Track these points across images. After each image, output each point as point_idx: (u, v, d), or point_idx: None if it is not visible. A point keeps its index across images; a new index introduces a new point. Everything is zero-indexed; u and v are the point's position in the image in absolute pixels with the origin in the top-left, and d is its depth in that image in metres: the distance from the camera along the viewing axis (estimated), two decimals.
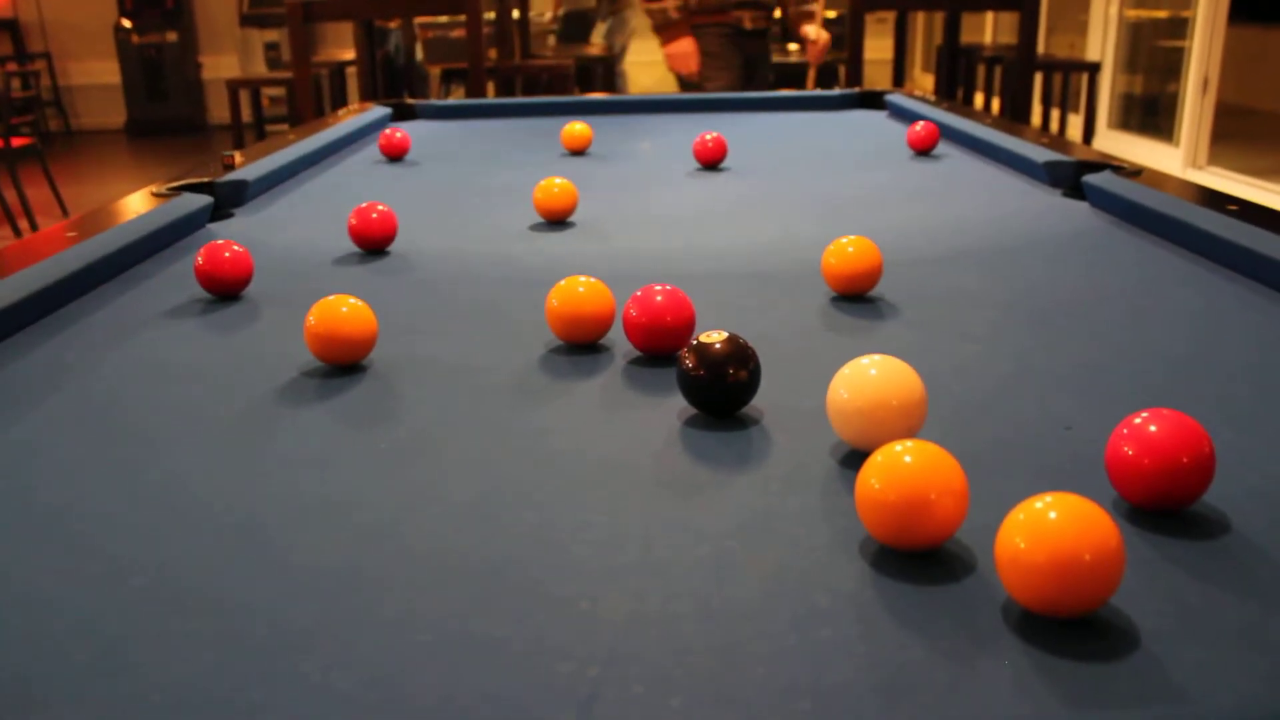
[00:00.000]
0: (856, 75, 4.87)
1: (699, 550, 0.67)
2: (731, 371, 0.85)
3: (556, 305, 1.04)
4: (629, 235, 1.57)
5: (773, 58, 3.84)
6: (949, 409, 0.88)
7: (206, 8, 8.92)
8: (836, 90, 3.06)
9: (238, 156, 1.92)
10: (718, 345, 0.85)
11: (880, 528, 0.64)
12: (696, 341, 0.86)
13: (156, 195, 1.62)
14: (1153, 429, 0.69)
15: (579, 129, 2.29)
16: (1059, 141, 2.01)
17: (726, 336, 0.86)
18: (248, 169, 1.83)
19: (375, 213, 1.45)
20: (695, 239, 1.54)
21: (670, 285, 1.02)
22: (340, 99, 7.03)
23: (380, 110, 2.74)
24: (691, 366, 0.86)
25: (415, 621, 0.60)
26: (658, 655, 0.56)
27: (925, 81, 9.48)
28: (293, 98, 5.74)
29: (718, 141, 2.07)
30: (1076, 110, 6.72)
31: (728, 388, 0.85)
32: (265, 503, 0.75)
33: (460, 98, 4.57)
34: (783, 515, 0.71)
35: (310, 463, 0.81)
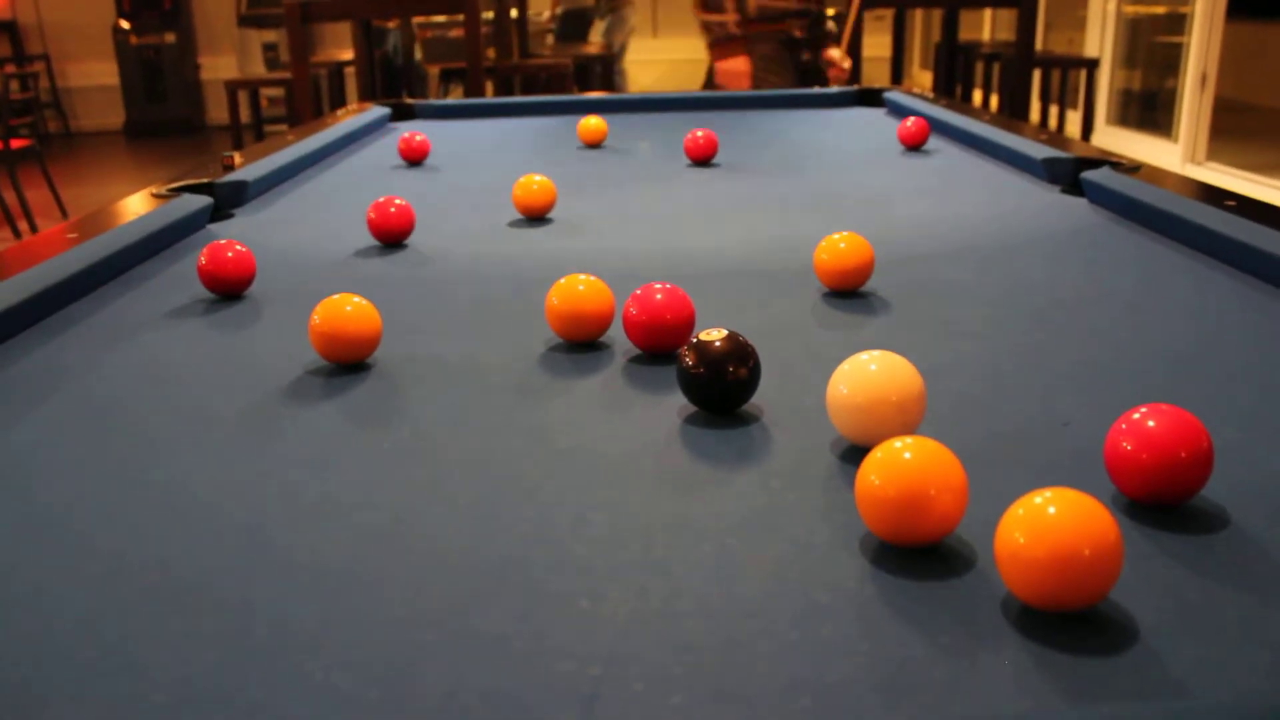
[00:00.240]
0: (855, 72, 4.87)
1: (700, 548, 0.67)
2: (731, 369, 0.85)
3: (557, 303, 1.04)
4: (628, 233, 1.57)
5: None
6: (948, 405, 0.88)
7: (204, 9, 8.92)
8: (835, 88, 3.06)
9: (237, 157, 1.92)
10: (717, 343, 0.86)
11: (880, 524, 0.65)
12: (696, 339, 0.87)
13: (156, 196, 1.62)
14: (1151, 424, 0.69)
15: (594, 123, 2.35)
16: (1057, 138, 2.01)
17: (726, 334, 0.86)
18: (247, 169, 1.84)
19: (394, 206, 1.49)
20: (695, 237, 1.54)
21: (670, 283, 1.02)
22: (339, 99, 7.03)
23: (379, 110, 2.74)
24: (691, 364, 0.86)
25: (417, 620, 0.60)
26: (659, 653, 0.56)
27: (924, 79, 9.48)
28: (291, 98, 5.74)
29: (708, 137, 2.10)
30: (1075, 106, 6.72)
31: (728, 385, 0.85)
32: (267, 502, 0.75)
33: (459, 97, 4.58)
34: (783, 512, 0.71)
35: (312, 462, 0.82)
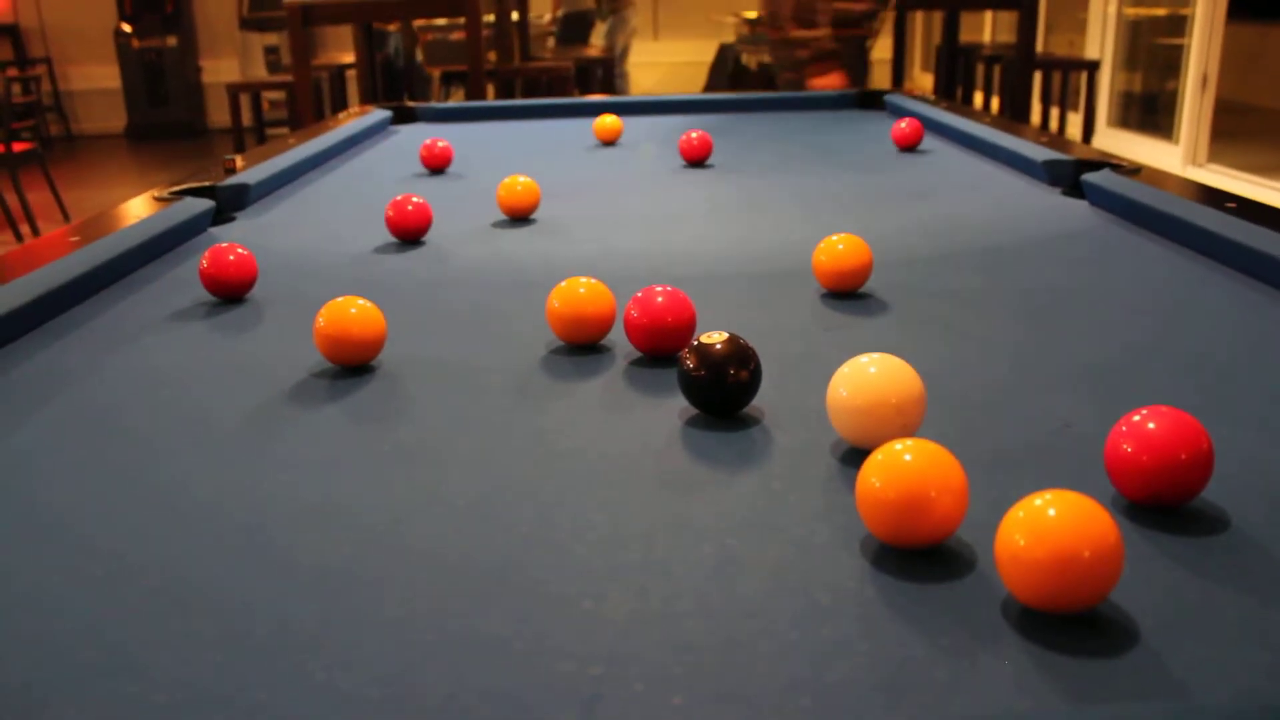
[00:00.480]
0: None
1: (700, 549, 0.67)
2: (732, 372, 0.85)
3: (558, 306, 1.04)
4: (629, 236, 1.57)
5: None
6: (949, 407, 0.88)
7: (206, 12, 8.94)
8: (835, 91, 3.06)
9: (239, 160, 1.92)
10: (718, 346, 0.86)
11: (880, 526, 0.65)
12: (697, 342, 0.87)
13: (158, 200, 1.62)
14: (1151, 426, 0.69)
15: (609, 121, 2.42)
16: (1058, 140, 2.01)
17: (727, 337, 0.87)
18: (249, 173, 1.84)
19: (411, 204, 1.52)
20: (694, 239, 1.54)
21: (671, 286, 1.02)
22: (340, 102, 7.04)
23: (380, 113, 2.75)
24: (692, 367, 0.86)
25: (418, 621, 0.60)
26: (659, 653, 0.56)
27: (925, 81, 9.49)
28: (293, 101, 5.75)
29: (702, 139, 2.13)
30: (1076, 109, 6.72)
31: (728, 388, 0.85)
32: (268, 504, 0.75)
33: (460, 100, 4.58)
34: (784, 513, 0.72)
35: (313, 464, 0.82)
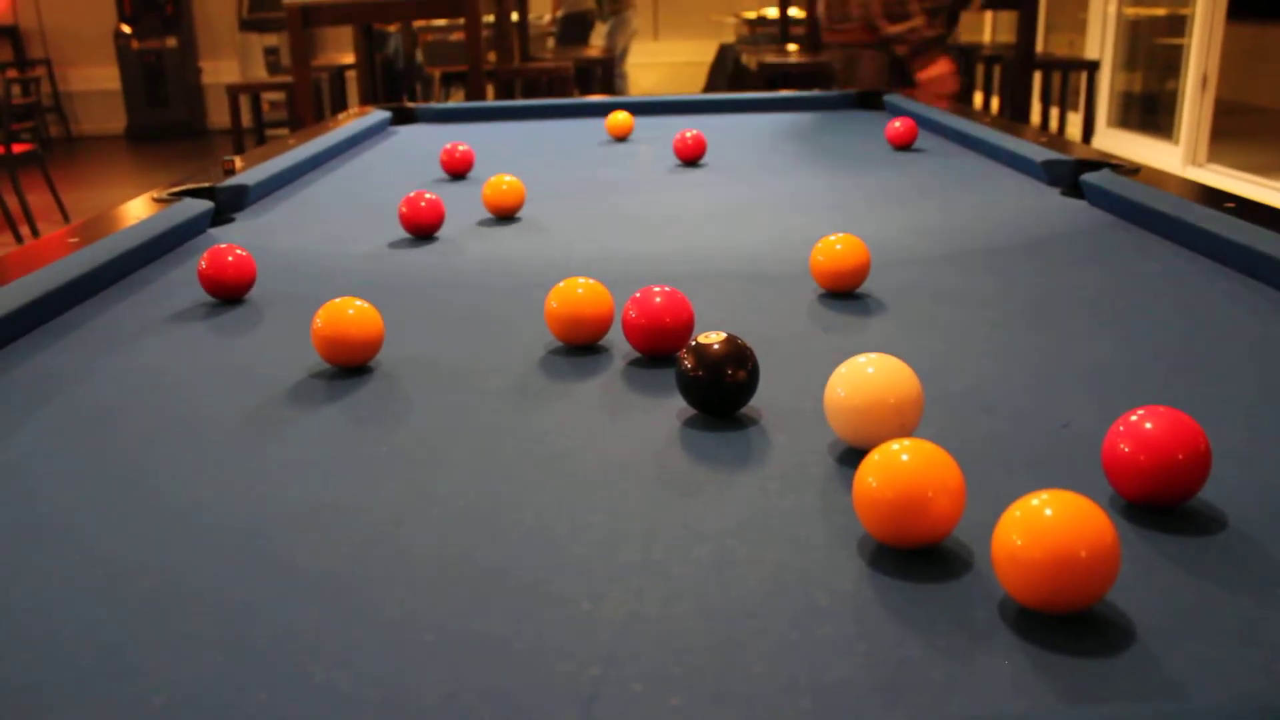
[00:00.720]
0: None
1: (698, 550, 0.67)
2: (730, 372, 0.85)
3: (556, 307, 1.05)
4: (627, 237, 1.57)
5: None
6: (946, 407, 0.88)
7: (206, 13, 8.94)
8: (836, 91, 3.06)
9: (238, 161, 1.92)
10: (716, 346, 0.86)
11: (878, 526, 0.65)
12: (695, 342, 0.87)
13: (157, 201, 1.62)
14: (1149, 426, 0.69)
15: (621, 118, 2.47)
16: (1057, 140, 2.02)
17: (725, 337, 0.87)
18: (248, 174, 1.84)
19: (424, 201, 1.55)
20: (694, 240, 1.54)
21: (669, 287, 1.02)
22: (340, 103, 7.04)
23: (380, 114, 2.75)
24: (690, 367, 0.86)
25: (417, 622, 0.60)
26: (658, 654, 0.57)
27: None
28: (293, 102, 5.75)
29: (696, 139, 2.15)
30: (1076, 109, 6.72)
31: (726, 388, 0.86)
32: (267, 505, 0.75)
33: (460, 101, 4.58)
34: (781, 514, 0.72)
35: (312, 465, 0.82)
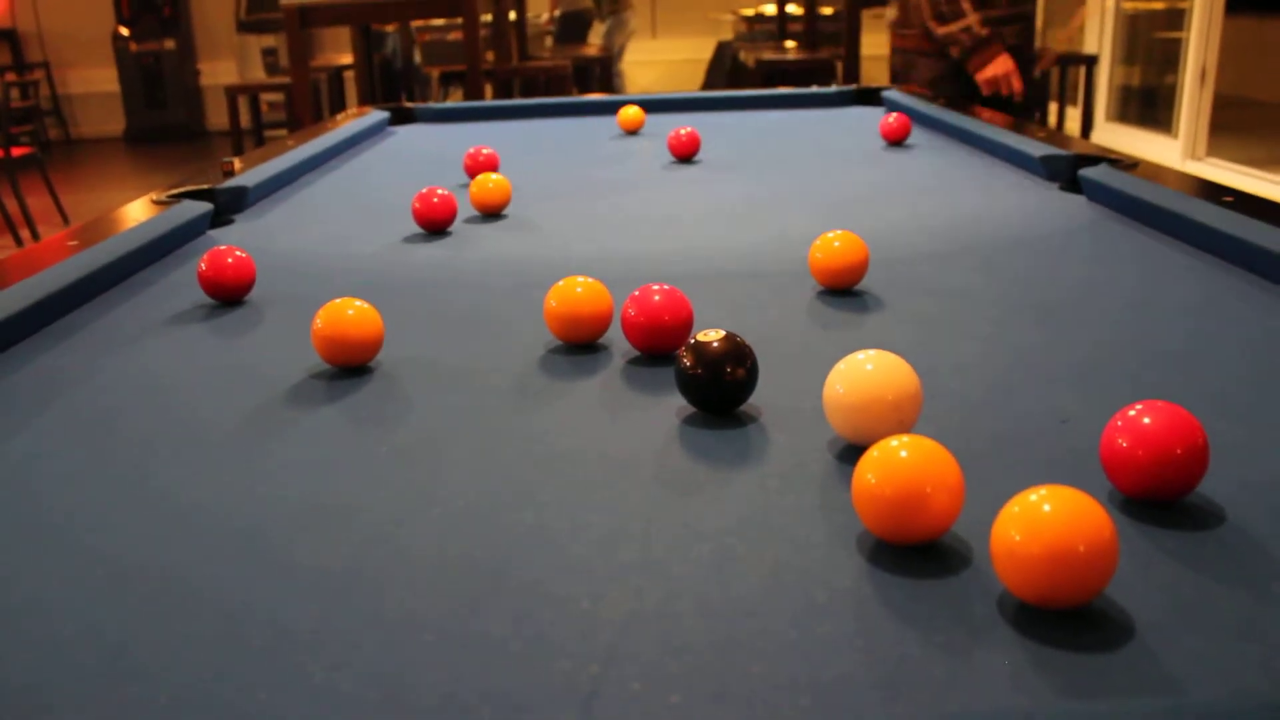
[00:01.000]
0: (853, 71, 4.88)
1: (698, 548, 0.67)
2: (729, 370, 0.85)
3: (555, 306, 1.05)
4: (626, 235, 1.57)
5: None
6: (945, 403, 0.88)
7: (204, 15, 8.94)
8: (834, 87, 3.06)
9: (237, 163, 1.92)
10: (715, 344, 0.86)
11: (877, 523, 0.65)
12: (694, 340, 0.87)
13: (157, 203, 1.62)
14: (1146, 421, 0.69)
15: (632, 112, 2.53)
16: (1055, 135, 2.01)
17: (724, 335, 0.87)
18: (247, 175, 1.84)
19: (436, 196, 1.58)
20: (693, 238, 1.54)
21: (668, 285, 1.02)
22: (339, 103, 7.04)
23: (378, 114, 2.75)
24: (689, 365, 0.86)
25: (417, 622, 0.60)
26: (657, 653, 0.57)
27: None
28: (291, 103, 5.75)
29: (690, 136, 2.17)
30: (1075, 103, 6.72)
31: (725, 386, 0.86)
32: (268, 506, 0.75)
33: (458, 100, 4.58)
34: (781, 512, 0.72)
35: (312, 465, 0.82)
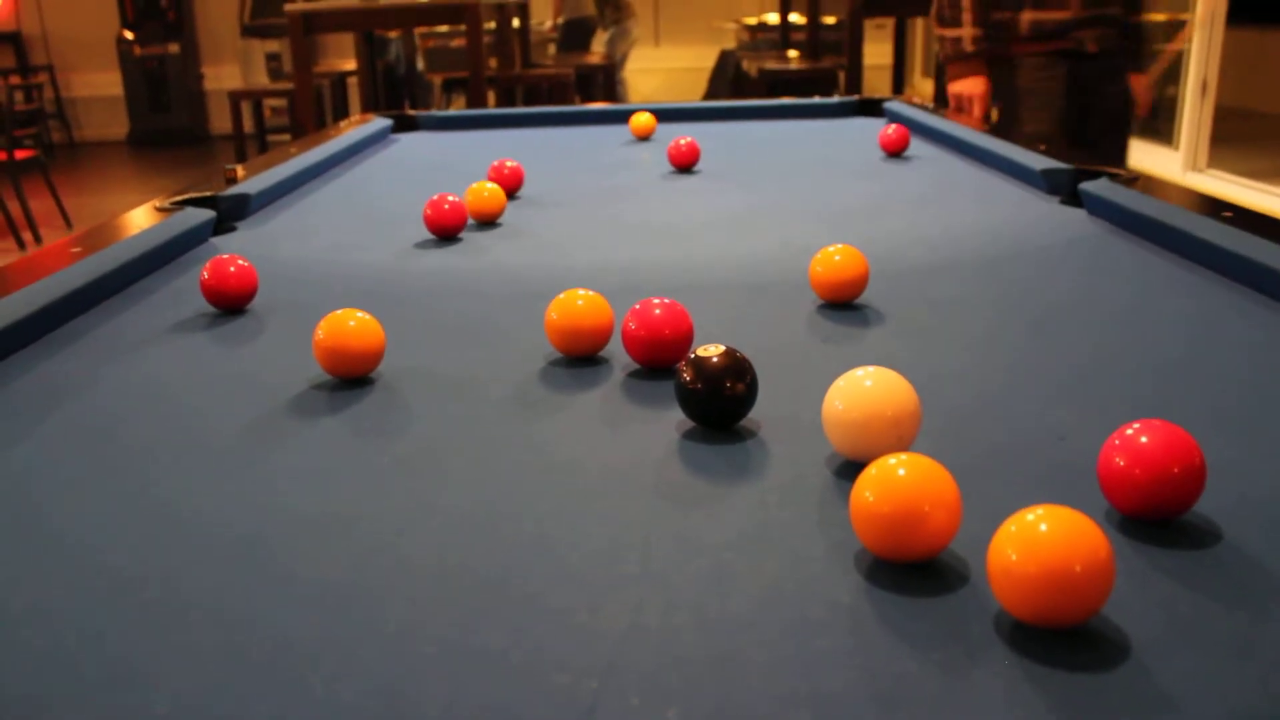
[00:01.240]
0: (856, 82, 4.89)
1: (697, 562, 0.68)
2: (729, 384, 0.86)
3: (556, 318, 1.05)
4: (627, 246, 1.58)
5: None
6: (944, 419, 0.89)
7: (208, 19, 8.96)
8: (836, 98, 3.07)
9: (240, 170, 1.93)
10: (715, 359, 0.86)
11: (874, 540, 0.65)
12: (694, 355, 0.87)
13: (160, 210, 1.63)
14: (1144, 440, 0.69)
15: (644, 119, 2.57)
16: (1056, 149, 2.02)
17: (724, 350, 0.87)
18: (250, 182, 1.85)
19: (447, 203, 1.61)
20: (694, 250, 1.55)
21: (668, 299, 1.03)
22: (342, 109, 7.06)
23: (381, 122, 2.75)
24: (689, 380, 0.86)
25: (417, 633, 0.61)
26: (655, 666, 0.57)
27: (925, 86, 9.50)
28: (294, 108, 5.77)
29: (690, 146, 2.18)
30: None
31: (725, 401, 0.86)
32: (269, 517, 0.76)
33: (461, 108, 4.59)
34: (779, 527, 0.72)
35: (313, 476, 0.82)
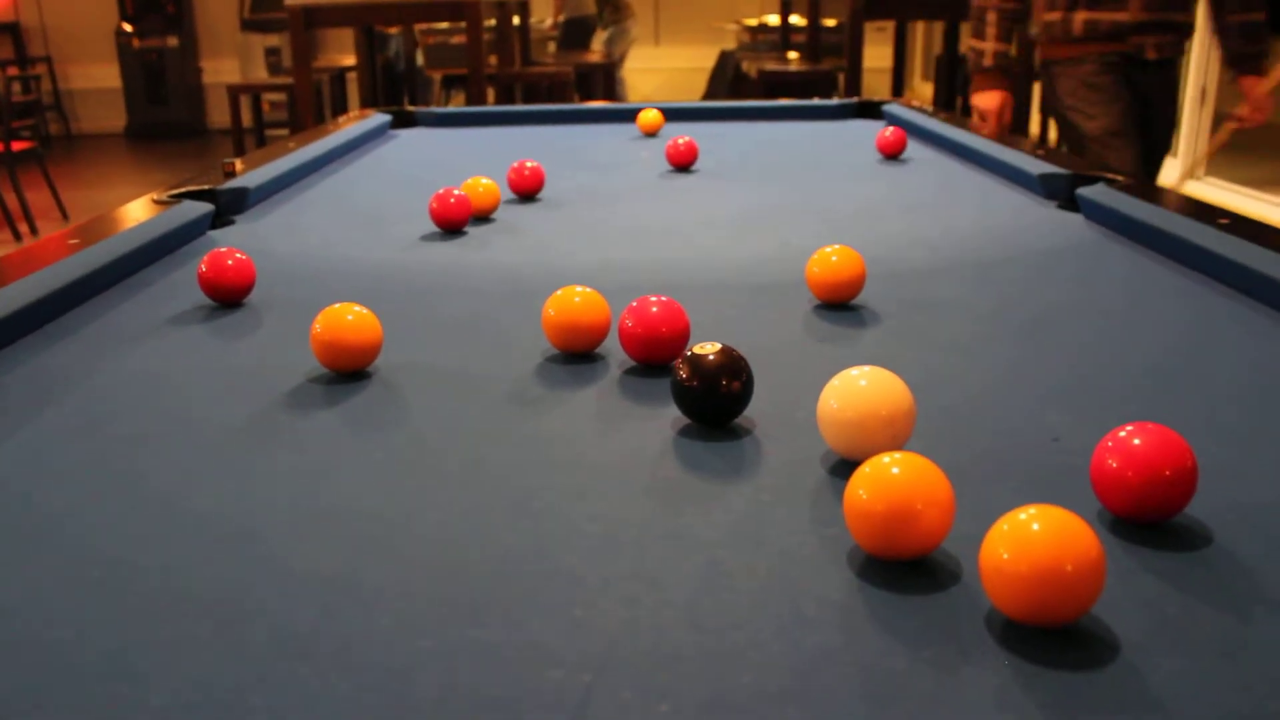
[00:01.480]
0: (855, 84, 4.90)
1: (690, 559, 0.68)
2: (724, 382, 0.86)
3: (553, 315, 1.05)
4: (625, 244, 1.58)
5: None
6: (938, 419, 0.89)
7: (207, 12, 8.95)
8: (835, 100, 3.07)
9: (238, 164, 1.93)
10: (711, 356, 0.87)
11: (867, 538, 0.66)
12: (690, 353, 0.88)
13: (158, 203, 1.63)
14: (1137, 442, 0.70)
15: (652, 116, 2.63)
16: (1054, 153, 2.03)
17: (720, 348, 0.88)
18: (248, 176, 1.85)
19: (453, 198, 1.62)
20: (692, 249, 1.55)
21: (665, 296, 1.03)
22: (341, 105, 7.05)
23: (380, 117, 2.75)
24: (685, 377, 0.87)
25: (412, 627, 0.61)
26: (648, 662, 0.57)
27: (925, 90, 9.51)
28: (293, 103, 5.77)
29: (689, 145, 2.20)
30: None
31: (720, 399, 0.86)
32: (266, 509, 0.76)
33: (460, 104, 4.59)
34: (773, 525, 0.73)
35: (309, 470, 0.83)
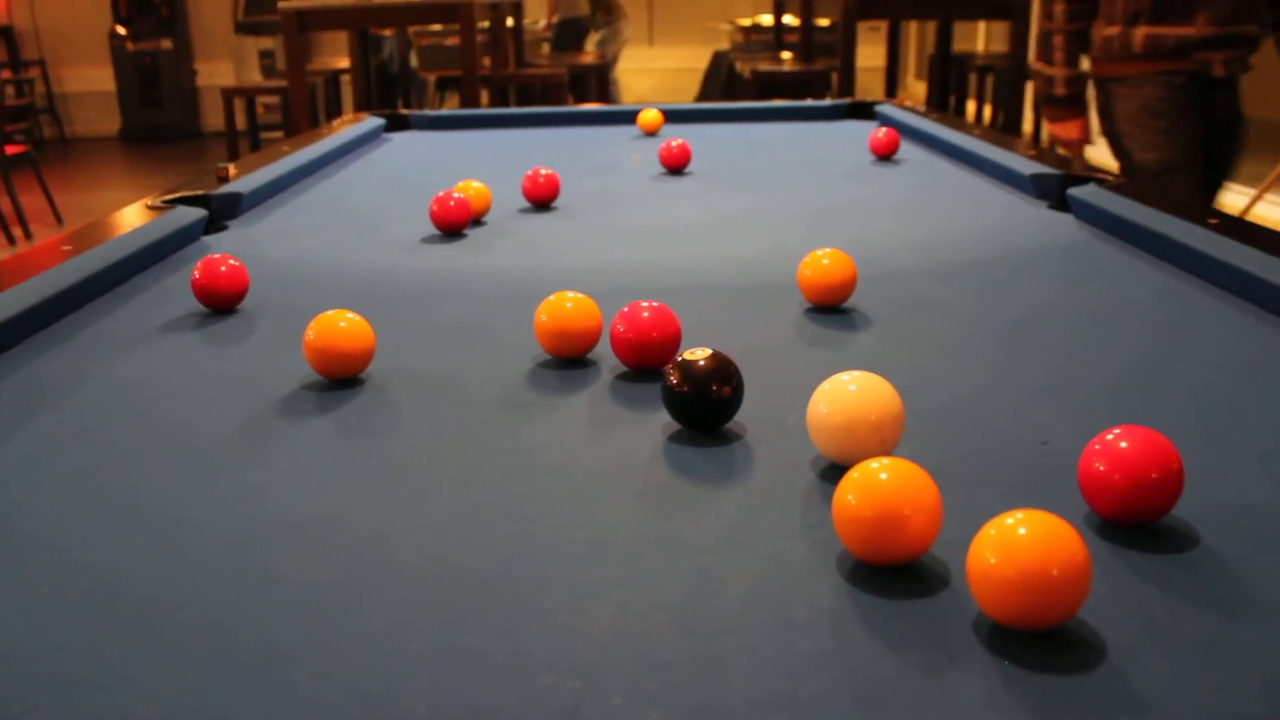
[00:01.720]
0: (849, 84, 4.90)
1: (680, 565, 0.68)
2: (715, 388, 0.86)
3: (544, 320, 1.06)
4: (616, 248, 1.58)
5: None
6: (927, 423, 0.90)
7: (201, 15, 8.94)
8: (828, 101, 3.08)
9: (232, 169, 1.93)
10: (701, 362, 0.87)
11: (856, 543, 0.66)
12: (681, 358, 0.88)
13: (151, 208, 1.63)
14: (1123, 445, 0.70)
15: (651, 115, 2.67)
16: (1046, 154, 2.03)
17: (710, 353, 0.88)
18: (242, 181, 1.85)
19: (453, 200, 1.63)
20: (683, 252, 1.55)
21: (656, 302, 1.03)
22: (335, 107, 7.04)
23: (374, 121, 2.75)
24: (676, 383, 0.87)
25: (403, 634, 0.61)
26: (638, 668, 0.58)
27: (918, 89, 9.52)
28: (287, 106, 5.76)
29: (681, 148, 2.21)
30: None
31: (711, 404, 0.87)
32: (255, 518, 0.76)
33: (454, 107, 4.59)
34: (762, 530, 0.73)
35: (299, 478, 0.83)
